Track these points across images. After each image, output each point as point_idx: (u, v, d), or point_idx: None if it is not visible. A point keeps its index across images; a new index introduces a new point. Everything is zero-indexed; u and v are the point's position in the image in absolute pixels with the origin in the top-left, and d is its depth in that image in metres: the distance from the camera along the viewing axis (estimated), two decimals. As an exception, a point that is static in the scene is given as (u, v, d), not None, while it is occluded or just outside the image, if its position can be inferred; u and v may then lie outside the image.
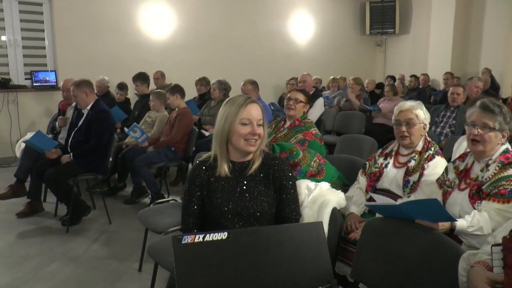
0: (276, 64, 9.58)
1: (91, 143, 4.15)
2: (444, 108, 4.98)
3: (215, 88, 5.70)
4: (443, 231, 1.87)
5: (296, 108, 3.40)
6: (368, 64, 11.45)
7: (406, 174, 2.54)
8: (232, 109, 1.89)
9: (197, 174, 1.96)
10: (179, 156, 4.89)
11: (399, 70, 10.46)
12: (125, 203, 4.85)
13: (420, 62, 10.33)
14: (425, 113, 2.62)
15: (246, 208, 1.90)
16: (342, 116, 6.40)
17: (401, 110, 2.62)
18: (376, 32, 11.20)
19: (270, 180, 1.95)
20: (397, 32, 10.97)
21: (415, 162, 2.56)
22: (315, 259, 1.43)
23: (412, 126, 2.56)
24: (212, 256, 1.33)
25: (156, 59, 7.93)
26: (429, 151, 2.57)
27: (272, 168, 1.96)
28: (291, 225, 1.68)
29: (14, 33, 6.90)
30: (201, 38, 8.61)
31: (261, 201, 1.91)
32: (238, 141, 1.89)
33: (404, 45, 11.11)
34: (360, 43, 11.30)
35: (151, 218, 3.02)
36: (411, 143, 2.60)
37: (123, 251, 3.62)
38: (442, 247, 1.72)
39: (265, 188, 1.94)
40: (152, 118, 5.29)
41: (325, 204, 2.16)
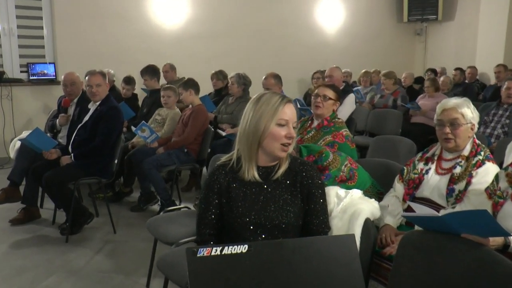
0: (301, 56, 9.56)
1: (96, 141, 4.20)
2: (496, 105, 4.90)
3: (233, 82, 5.71)
4: (494, 248, 1.84)
5: (325, 106, 3.38)
6: (405, 56, 11.33)
7: (451, 182, 2.50)
8: (269, 108, 1.89)
9: (216, 179, 1.97)
10: (192, 159, 4.92)
11: (442, 62, 10.32)
12: (132, 210, 4.90)
13: (467, 53, 10.16)
14: (473, 111, 2.56)
15: (270, 218, 1.90)
16: (375, 115, 6.35)
17: (445, 108, 2.58)
18: (416, 19, 11.07)
19: (297, 188, 1.95)
20: (439, 19, 10.82)
21: (461, 168, 2.51)
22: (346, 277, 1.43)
23: (457, 127, 2.52)
24: (230, 271, 1.34)
25: (167, 50, 7.99)
26: (478, 156, 2.52)
27: (300, 175, 1.97)
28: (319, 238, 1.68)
29: (9, 21, 7.03)
30: (217, 27, 8.64)
31: (287, 211, 1.91)
32: (272, 145, 1.90)
33: (448, 34, 10.94)
34: (397, 32, 11.18)
35: (161, 227, 3.05)
36: (456, 147, 2.55)
37: (129, 264, 3.66)
38: (493, 266, 1.68)
39: (292, 197, 1.94)
40: (163, 116, 5.34)
41: (357, 214, 2.15)
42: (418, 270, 1.88)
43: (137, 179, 5.03)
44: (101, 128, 4.21)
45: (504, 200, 2.17)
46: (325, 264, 1.43)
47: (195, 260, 1.34)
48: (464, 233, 1.80)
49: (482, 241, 1.78)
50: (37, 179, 4.17)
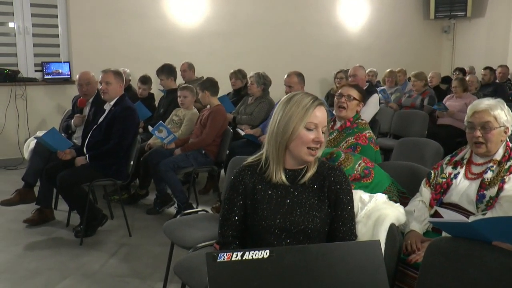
0: (323, 54, 9.53)
1: (111, 143, 4.24)
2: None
3: (253, 82, 5.72)
4: (528, 257, 1.81)
5: (349, 106, 3.37)
6: (432, 55, 11.22)
7: (481, 187, 2.46)
8: (299, 109, 1.90)
9: (241, 180, 1.98)
10: (211, 161, 4.94)
11: (471, 61, 10.20)
12: (148, 213, 4.94)
13: (498, 51, 10.03)
14: (507, 114, 2.51)
15: (295, 223, 1.90)
16: (400, 116, 6.31)
17: (476, 110, 2.54)
18: (443, 16, 10.96)
19: (325, 193, 1.96)
20: (469, 15, 10.69)
21: (492, 173, 2.47)
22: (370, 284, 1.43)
23: (489, 131, 2.47)
24: (251, 277, 1.34)
25: (185, 49, 8.04)
26: (511, 161, 2.47)
27: (328, 180, 1.97)
28: (344, 244, 1.67)
29: (24, 19, 7.14)
30: (237, 25, 8.66)
31: (313, 216, 1.92)
32: (299, 148, 1.91)
33: (478, 31, 10.81)
34: (423, 30, 11.09)
35: (178, 231, 3.07)
36: (487, 152, 2.51)
37: (145, 268, 3.69)
38: (526, 275, 1.67)
39: (319, 202, 1.95)
40: (180, 116, 5.37)
41: (382, 220, 2.14)
42: (446, 278, 1.86)
43: (153, 181, 5.07)
44: (116, 130, 4.25)
45: (537, 207, 2.14)
46: (349, 271, 1.43)
47: (215, 265, 1.35)
48: (496, 240, 1.78)
49: (515, 250, 1.76)
50: (51, 180, 4.22)
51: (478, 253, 1.81)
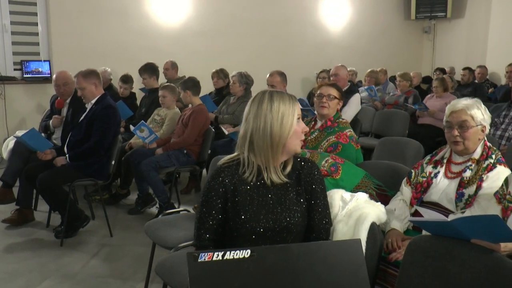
0: (305, 54, 9.56)
1: (91, 142, 4.19)
2: (507, 106, 4.90)
3: (235, 81, 5.72)
4: (506, 254, 1.84)
5: (330, 105, 3.39)
6: (413, 55, 11.33)
7: (460, 186, 2.50)
8: (287, 106, 1.91)
9: (221, 182, 1.93)
10: (192, 160, 4.93)
11: (451, 61, 10.33)
12: (129, 213, 4.91)
13: (477, 51, 10.16)
14: (484, 113, 2.56)
15: (278, 221, 1.90)
16: (381, 116, 6.36)
17: (453, 110, 2.58)
18: (424, 17, 11.08)
19: (302, 186, 1.97)
20: (449, 16, 10.81)
21: (471, 172, 2.51)
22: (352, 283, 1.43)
23: (466, 130, 2.51)
24: (233, 277, 1.34)
25: (167, 48, 8.00)
26: (489, 160, 2.51)
27: (303, 172, 1.99)
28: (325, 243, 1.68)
29: (2, 17, 7.02)
30: (219, 24, 8.65)
31: (294, 211, 1.92)
32: (295, 142, 1.94)
33: (457, 32, 10.94)
34: (404, 30, 11.19)
35: (160, 231, 3.05)
36: (465, 150, 2.55)
37: (127, 268, 3.66)
38: (505, 272, 1.69)
39: (297, 196, 1.96)
40: (162, 116, 5.35)
41: (363, 219, 2.15)
42: (426, 276, 1.88)
43: (135, 181, 5.03)
44: (96, 128, 4.20)
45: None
46: (331, 270, 1.44)
47: (197, 265, 1.34)
48: (474, 238, 1.80)
49: (492, 247, 1.79)
50: (31, 180, 4.17)
51: (457, 251, 1.83)
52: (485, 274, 1.72)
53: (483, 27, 10.06)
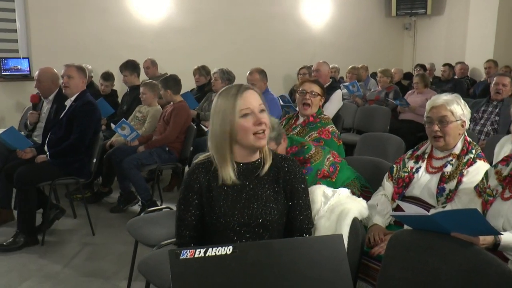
0: (287, 51, 9.57)
1: (71, 139, 4.14)
2: (486, 102, 4.97)
3: (216, 78, 5.71)
4: (485, 247, 1.86)
5: (313, 102, 3.40)
6: (394, 51, 11.41)
7: (441, 181, 2.53)
8: (228, 102, 1.87)
9: (196, 178, 1.94)
10: (175, 157, 4.91)
11: (431, 57, 10.42)
12: (111, 211, 4.88)
13: (457, 48, 10.26)
14: (463, 108, 2.58)
15: (254, 216, 1.89)
16: (363, 112, 6.40)
17: (433, 105, 2.60)
18: (404, 13, 11.16)
19: (280, 184, 1.96)
20: (429, 13, 10.91)
21: (452, 167, 2.54)
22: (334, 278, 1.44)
23: (446, 125, 2.54)
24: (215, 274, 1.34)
25: (148, 45, 7.94)
26: (469, 154, 2.55)
27: (282, 171, 1.97)
28: (307, 239, 1.69)
29: (-21, 14, 6.90)
30: (200, 21, 8.61)
31: (270, 208, 1.91)
32: (247, 138, 1.87)
33: (437, 29, 11.04)
34: (385, 27, 11.26)
35: (142, 229, 3.03)
36: (446, 145, 2.58)
37: (109, 267, 3.63)
38: (484, 265, 1.71)
39: (275, 194, 1.94)
40: (143, 113, 5.31)
41: (345, 214, 2.17)
42: (408, 270, 1.90)
43: (117, 179, 5.00)
44: (76, 124, 4.16)
45: (493, 198, 2.21)
46: (313, 265, 1.44)
47: (178, 262, 1.34)
48: (454, 232, 1.82)
49: (472, 240, 1.81)
50: (11, 179, 4.09)
51: (438, 244, 1.85)
52: (465, 266, 1.74)
53: (462, 24, 10.17)
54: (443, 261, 1.81)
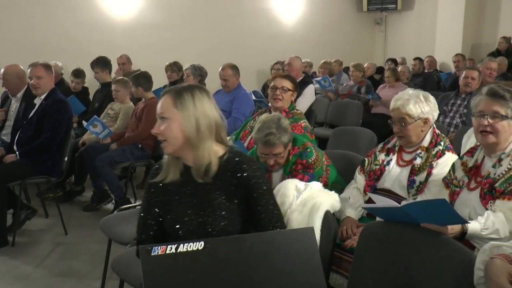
0: (260, 46, 9.58)
1: (42, 137, 4.08)
2: (455, 95, 5.04)
3: (188, 74, 5.68)
4: (453, 236, 1.90)
5: (284, 98, 3.41)
6: (366, 46, 11.53)
7: (412, 173, 2.57)
8: None
9: (154, 180, 1.94)
10: (148, 154, 4.89)
11: (402, 52, 10.56)
12: (84, 210, 4.82)
13: (426, 42, 10.42)
14: (425, 105, 2.58)
15: (201, 225, 1.81)
16: (336, 106, 6.44)
17: (393, 108, 2.65)
18: (375, 8, 11.27)
19: (231, 191, 1.85)
20: (399, 8, 11.05)
21: (421, 159, 2.59)
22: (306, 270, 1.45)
23: (405, 127, 2.58)
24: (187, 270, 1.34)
25: (120, 41, 7.86)
26: (438, 147, 2.60)
27: (235, 176, 1.86)
28: (278, 232, 1.69)
29: None
30: (172, 17, 8.55)
31: (220, 217, 1.81)
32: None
33: (408, 23, 11.20)
34: (357, 21, 11.36)
35: (116, 227, 3.01)
36: (408, 143, 2.64)
37: (83, 267, 3.59)
38: (452, 254, 1.75)
39: (226, 201, 1.85)
40: (115, 110, 5.26)
41: (317, 208, 2.18)
42: (380, 261, 1.93)
43: (89, 177, 4.94)
44: (47, 123, 4.09)
45: (460, 189, 2.25)
46: (285, 258, 1.45)
47: (150, 258, 1.33)
48: (424, 222, 1.86)
49: (441, 230, 1.84)
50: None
51: (408, 235, 1.89)
52: (434, 256, 1.78)
53: (431, 19, 10.33)
54: (413, 251, 1.85)
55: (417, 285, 1.81)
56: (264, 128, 2.61)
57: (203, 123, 1.82)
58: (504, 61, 7.46)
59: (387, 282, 1.89)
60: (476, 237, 1.98)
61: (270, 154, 2.63)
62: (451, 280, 1.71)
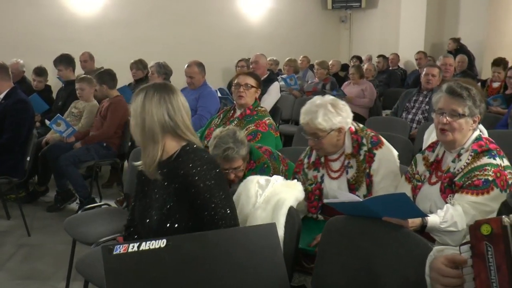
0: (226, 44, 9.57)
1: (3, 138, 4.01)
2: (417, 92, 5.15)
3: (153, 72, 5.64)
4: (413, 229, 1.94)
5: (247, 94, 3.42)
6: (331, 43, 11.63)
7: (351, 189, 2.48)
8: None
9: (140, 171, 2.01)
10: (113, 153, 4.83)
11: (367, 49, 10.68)
12: (48, 210, 4.73)
13: (390, 40, 10.58)
14: (334, 116, 2.46)
15: (149, 225, 1.88)
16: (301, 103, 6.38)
17: (302, 123, 2.54)
18: (340, 7, 11.37)
19: (176, 187, 1.86)
20: (363, 6, 11.18)
21: (352, 170, 2.51)
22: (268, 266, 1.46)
23: (319, 141, 2.49)
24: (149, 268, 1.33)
25: (83, 38, 7.73)
26: (362, 148, 2.51)
27: (175, 174, 1.87)
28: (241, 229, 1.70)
29: None
30: (137, 14, 8.46)
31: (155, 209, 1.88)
32: None
33: (372, 21, 11.34)
34: (322, 19, 11.45)
35: (80, 227, 2.98)
36: (327, 153, 2.57)
37: (47, 268, 3.53)
38: (412, 246, 1.79)
39: (169, 197, 1.87)
40: (79, 108, 5.18)
41: (281, 204, 2.18)
42: (343, 254, 1.96)
43: (53, 177, 4.86)
44: (8, 123, 4.03)
45: (422, 184, 2.30)
46: (247, 254, 1.46)
47: (112, 258, 1.32)
48: (385, 216, 1.89)
49: (401, 223, 1.88)
50: None
51: (370, 229, 1.92)
52: (395, 248, 1.82)
53: (395, 17, 10.49)
54: (375, 245, 1.88)
55: (379, 277, 1.85)
56: (221, 143, 2.53)
57: (148, 125, 1.86)
58: (465, 58, 7.65)
59: (350, 275, 1.93)
60: (436, 230, 2.03)
61: (230, 168, 2.56)
62: (412, 272, 1.75)
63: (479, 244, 1.25)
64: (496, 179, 2.06)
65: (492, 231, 1.23)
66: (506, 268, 1.20)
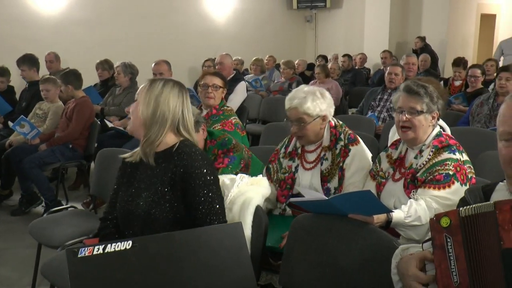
0: (192, 43, 9.51)
1: (-36, 142, 3.90)
2: (381, 90, 5.22)
3: (119, 72, 5.56)
4: (378, 225, 1.97)
5: (216, 95, 3.43)
6: (297, 43, 11.68)
7: (323, 181, 2.52)
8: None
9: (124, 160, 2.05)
10: (79, 154, 4.75)
11: (332, 49, 10.79)
12: (12, 214, 4.63)
13: (356, 40, 10.71)
14: (321, 103, 2.52)
15: (136, 213, 1.92)
16: (268, 102, 6.51)
17: (289, 107, 2.55)
18: (305, 6, 11.43)
19: (169, 177, 1.89)
20: (328, 6, 11.26)
21: (327, 162, 2.54)
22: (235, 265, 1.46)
23: (303, 127, 2.52)
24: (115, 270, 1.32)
25: (47, 38, 7.54)
26: (339, 143, 2.55)
27: (174, 164, 1.90)
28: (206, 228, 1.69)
29: None
30: (101, 13, 8.31)
31: (156, 203, 1.88)
32: None
33: (337, 21, 11.45)
34: (288, 19, 11.50)
35: (46, 230, 2.94)
36: (308, 142, 2.60)
37: (11, 273, 3.46)
38: (377, 242, 1.82)
39: (162, 187, 1.90)
40: (44, 109, 5.08)
41: (247, 204, 2.19)
42: (309, 252, 1.98)
43: (18, 180, 4.75)
44: None
45: (386, 181, 2.34)
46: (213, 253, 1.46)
47: (76, 261, 1.31)
48: (351, 213, 1.92)
49: (367, 220, 1.92)
50: None
51: (336, 226, 1.95)
52: (361, 244, 1.86)
53: (359, 17, 10.63)
54: (341, 241, 1.91)
55: (346, 273, 1.88)
56: None
57: (161, 110, 1.90)
58: (428, 58, 7.82)
59: (317, 272, 1.95)
60: (401, 225, 2.07)
61: None
62: (377, 267, 1.78)
63: (439, 236, 1.30)
64: (456, 173, 2.12)
65: (450, 223, 1.28)
66: (464, 257, 1.26)
